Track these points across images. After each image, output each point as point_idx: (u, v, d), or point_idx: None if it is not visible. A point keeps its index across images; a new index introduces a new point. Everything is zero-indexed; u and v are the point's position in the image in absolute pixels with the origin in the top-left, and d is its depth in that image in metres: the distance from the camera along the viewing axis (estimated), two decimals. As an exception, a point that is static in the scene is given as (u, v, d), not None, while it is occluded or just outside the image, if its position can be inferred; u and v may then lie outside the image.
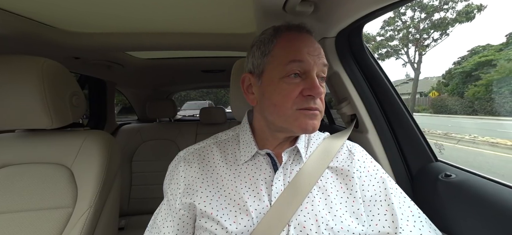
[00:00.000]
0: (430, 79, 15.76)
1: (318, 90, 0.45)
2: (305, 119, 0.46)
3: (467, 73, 9.95)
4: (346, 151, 0.55)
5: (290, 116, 0.46)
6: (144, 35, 0.97)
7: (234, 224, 0.44)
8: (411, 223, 0.45)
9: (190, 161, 0.53)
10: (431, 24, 13.67)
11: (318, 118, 0.48)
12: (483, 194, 0.50)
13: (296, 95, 0.46)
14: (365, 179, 0.50)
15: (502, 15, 38.57)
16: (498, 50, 9.84)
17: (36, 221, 0.65)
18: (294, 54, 0.47)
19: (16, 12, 0.72)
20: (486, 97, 8.13)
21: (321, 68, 0.48)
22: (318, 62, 0.47)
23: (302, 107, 0.46)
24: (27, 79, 0.64)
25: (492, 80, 8.11)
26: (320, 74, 0.49)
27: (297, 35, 0.50)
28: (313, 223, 0.44)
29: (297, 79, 0.46)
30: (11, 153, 0.73)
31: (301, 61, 0.46)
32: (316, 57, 0.47)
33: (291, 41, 0.49)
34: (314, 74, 0.46)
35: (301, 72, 0.47)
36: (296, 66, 0.46)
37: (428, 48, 14.01)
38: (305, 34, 0.50)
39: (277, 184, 0.48)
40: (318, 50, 0.49)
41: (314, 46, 0.49)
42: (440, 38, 13.58)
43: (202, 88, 3.99)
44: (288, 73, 0.46)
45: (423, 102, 12.33)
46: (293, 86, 0.46)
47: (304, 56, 0.46)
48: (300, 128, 0.47)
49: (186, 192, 0.50)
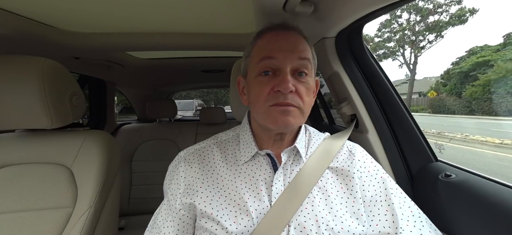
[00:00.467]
0: (429, 79, 15.89)
1: (285, 86, 0.44)
2: (276, 115, 0.46)
3: (465, 74, 10.10)
4: (347, 151, 0.55)
5: (264, 113, 0.48)
6: (144, 35, 0.97)
7: (234, 225, 0.44)
8: (412, 223, 0.45)
9: (190, 161, 0.54)
10: (426, 27, 14.13)
11: (294, 114, 0.46)
12: (483, 194, 0.50)
13: (268, 92, 0.46)
14: (366, 179, 0.50)
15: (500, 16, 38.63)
16: (495, 51, 9.97)
17: (36, 221, 0.65)
18: (265, 51, 0.48)
19: (16, 12, 0.72)
20: (483, 97, 8.26)
21: (297, 63, 0.47)
22: (291, 57, 0.46)
23: (272, 103, 0.46)
24: (27, 79, 0.64)
25: (489, 80, 8.23)
26: (300, 68, 0.47)
27: (274, 33, 0.50)
28: (313, 224, 0.44)
29: (268, 76, 0.47)
30: (11, 153, 0.73)
31: (271, 58, 0.47)
32: (289, 52, 0.46)
33: (265, 40, 0.50)
34: (286, 70, 0.46)
35: (273, 69, 0.47)
36: (266, 63, 0.47)
37: (424, 50, 14.69)
38: (281, 31, 0.49)
39: (277, 184, 0.48)
40: (294, 45, 0.48)
41: (288, 40, 0.48)
42: (435, 40, 14.15)
43: (202, 88, 3.99)
44: (260, 71, 0.48)
45: (421, 102, 12.37)
46: (264, 83, 0.47)
47: (274, 52, 0.47)
48: (273, 124, 0.47)
49: (186, 192, 0.50)
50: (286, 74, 0.45)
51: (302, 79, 0.47)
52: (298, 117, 0.47)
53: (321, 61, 0.84)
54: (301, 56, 0.47)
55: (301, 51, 0.47)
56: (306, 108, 0.48)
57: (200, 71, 1.74)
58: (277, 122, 0.46)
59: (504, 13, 38.99)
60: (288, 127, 0.47)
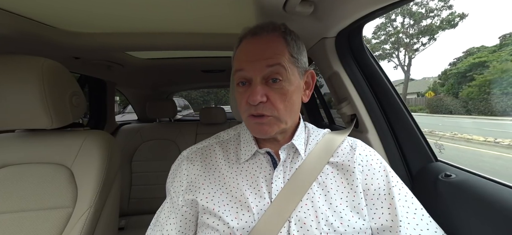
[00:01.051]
0: (427, 80, 16.25)
1: (253, 98, 0.44)
2: (254, 125, 0.49)
3: (462, 74, 10.28)
4: (347, 146, 0.55)
5: (245, 121, 0.51)
6: (144, 35, 0.97)
7: (236, 220, 0.45)
8: (415, 216, 0.45)
9: (193, 160, 0.55)
10: (419, 31, 14.90)
11: (270, 123, 0.47)
12: (483, 194, 0.50)
13: (244, 103, 0.48)
14: (368, 173, 0.50)
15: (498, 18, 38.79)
16: (491, 52, 10.17)
17: (36, 221, 0.65)
18: (237, 63, 0.49)
19: (16, 12, 0.72)
20: (479, 98, 8.40)
21: (266, 71, 0.45)
22: (258, 67, 0.45)
23: (247, 114, 0.48)
24: (27, 79, 0.64)
25: (485, 81, 8.37)
26: (272, 75, 0.46)
27: (245, 42, 0.49)
28: (313, 219, 0.44)
29: (244, 87, 0.49)
30: (11, 153, 0.73)
31: (241, 70, 0.47)
32: (256, 62, 0.46)
33: (239, 50, 0.50)
34: (256, 80, 0.46)
35: (247, 79, 0.48)
36: (239, 75, 0.48)
37: (417, 52, 15.38)
38: (251, 39, 0.48)
39: (277, 181, 0.49)
40: (260, 54, 0.46)
41: (257, 48, 0.47)
42: (428, 43, 14.85)
43: (202, 88, 3.99)
44: (237, 82, 0.50)
45: (420, 102, 12.53)
46: (241, 94, 0.49)
47: (243, 64, 0.47)
48: (254, 133, 0.51)
49: (189, 189, 0.50)
50: (256, 85, 0.46)
51: (275, 86, 0.46)
52: (275, 124, 0.48)
53: (321, 61, 0.84)
54: (270, 63, 0.45)
55: (270, 57, 0.46)
56: (282, 113, 0.47)
57: (200, 71, 1.74)
58: (254, 131, 0.50)
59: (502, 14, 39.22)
60: (266, 135, 0.49)
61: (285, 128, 0.51)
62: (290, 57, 0.48)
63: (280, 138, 0.53)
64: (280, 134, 0.52)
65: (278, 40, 0.48)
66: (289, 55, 0.48)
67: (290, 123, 0.51)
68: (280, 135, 0.53)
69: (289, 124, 0.50)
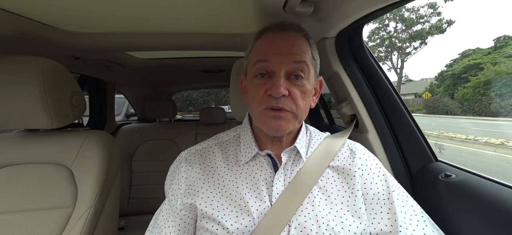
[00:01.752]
0: (425, 81, 16.75)
1: (276, 90, 0.44)
2: (268, 119, 0.46)
3: (457, 76, 10.66)
4: (347, 150, 0.55)
5: (257, 115, 0.48)
6: (144, 35, 0.97)
7: (235, 224, 0.44)
8: (414, 222, 0.45)
9: (191, 162, 0.54)
10: (410, 36, 16.30)
11: (287, 119, 0.46)
12: (483, 194, 0.50)
13: (262, 95, 0.46)
14: (368, 177, 0.50)
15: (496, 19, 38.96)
16: (486, 54, 10.47)
17: (36, 221, 0.65)
18: (260, 54, 0.48)
19: (16, 12, 0.72)
20: (474, 99, 8.79)
21: (292, 66, 0.46)
22: (286, 61, 0.46)
23: (265, 106, 0.46)
24: (27, 79, 0.64)
25: (479, 82, 8.73)
26: (295, 71, 0.46)
27: (271, 34, 0.49)
28: (314, 223, 0.44)
29: (263, 79, 0.47)
30: (11, 153, 0.73)
31: (265, 60, 0.46)
32: (283, 55, 0.46)
33: (262, 41, 0.49)
34: (280, 74, 0.45)
35: (268, 72, 0.47)
36: (261, 66, 0.47)
37: (409, 56, 16.91)
38: (278, 33, 0.49)
39: (277, 184, 0.48)
40: (289, 48, 0.47)
41: (285, 42, 0.47)
42: (419, 47, 16.37)
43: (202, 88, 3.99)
44: (255, 73, 0.48)
45: (417, 103, 12.71)
46: (258, 86, 0.47)
47: (269, 55, 0.46)
48: (266, 128, 0.48)
49: (188, 193, 0.50)
50: (279, 78, 0.45)
51: (297, 83, 0.46)
52: (291, 121, 0.47)
53: (321, 61, 0.84)
54: (297, 59, 0.46)
55: (297, 53, 0.46)
56: (300, 111, 0.47)
57: (200, 71, 1.74)
58: (269, 126, 0.47)
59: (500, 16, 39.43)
60: (280, 132, 0.48)
61: (296, 128, 0.51)
62: (312, 59, 0.49)
63: (284, 139, 0.53)
64: (288, 134, 0.52)
65: (303, 39, 0.49)
66: (311, 56, 0.49)
67: (299, 124, 0.51)
68: (287, 135, 0.52)
69: (299, 124, 0.50)
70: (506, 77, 7.93)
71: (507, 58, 9.30)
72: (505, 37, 11.02)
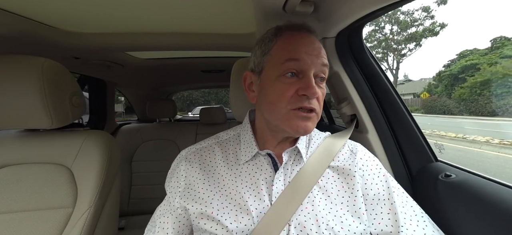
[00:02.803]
0: (424, 81, 17.12)
1: (312, 90, 0.44)
2: (297, 120, 0.45)
3: (455, 76, 10.82)
4: (348, 150, 0.55)
5: (284, 115, 0.46)
6: (144, 35, 0.97)
7: (235, 223, 0.44)
8: (415, 222, 0.45)
9: (191, 161, 0.54)
10: (405, 38, 17.22)
11: (313, 120, 0.47)
12: (483, 194, 0.50)
13: (291, 94, 0.45)
14: (368, 177, 0.50)
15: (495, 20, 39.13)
16: (483, 54, 10.61)
17: (36, 221, 0.65)
18: (291, 52, 0.46)
19: (16, 12, 0.72)
20: (470, 99, 9.00)
21: (319, 68, 0.47)
22: (316, 62, 0.46)
23: (296, 106, 0.45)
24: (27, 79, 0.64)
25: (476, 83, 8.92)
26: (320, 74, 0.48)
27: (297, 34, 0.49)
28: (314, 223, 0.44)
29: (293, 78, 0.46)
30: (11, 153, 0.73)
31: (297, 60, 0.46)
32: (314, 57, 0.46)
33: (289, 40, 0.48)
34: (311, 74, 0.45)
35: (298, 71, 0.46)
36: (292, 65, 0.46)
37: (405, 57, 17.85)
38: (305, 34, 0.49)
39: (277, 184, 0.48)
40: (318, 50, 0.48)
41: (313, 45, 0.48)
42: (414, 49, 17.37)
43: (202, 88, 4.00)
44: (284, 72, 0.46)
45: (415, 103, 12.83)
46: (288, 85, 0.46)
47: (301, 55, 0.46)
48: (292, 129, 0.46)
49: (187, 192, 0.50)
50: (311, 78, 0.45)
51: (321, 85, 0.48)
52: (315, 122, 0.48)
53: (321, 61, 0.84)
54: (324, 62, 0.48)
55: (324, 56, 0.48)
56: (320, 112, 0.49)
57: (200, 71, 1.74)
58: (297, 128, 0.46)
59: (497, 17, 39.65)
60: (307, 133, 0.47)
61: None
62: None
63: (291, 139, 0.53)
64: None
65: (321, 44, 0.51)
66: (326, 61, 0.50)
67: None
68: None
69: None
70: (502, 77, 8.06)
71: (503, 58, 9.41)
72: (502, 38, 11.09)
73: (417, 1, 0.63)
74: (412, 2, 0.53)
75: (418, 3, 16.01)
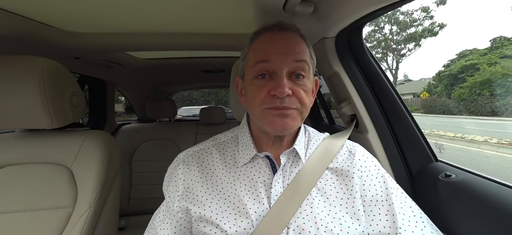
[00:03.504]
0: (424, 81, 17.31)
1: (281, 90, 0.43)
2: (273, 118, 0.46)
3: (454, 76, 10.87)
4: (346, 151, 0.55)
5: (260, 115, 0.47)
6: (144, 35, 0.97)
7: (234, 227, 0.44)
8: (413, 223, 0.45)
9: (189, 164, 0.53)
10: (404, 38, 17.38)
11: (292, 116, 0.46)
12: (483, 194, 0.50)
13: (264, 95, 0.46)
14: (367, 178, 0.50)
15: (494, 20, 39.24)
16: (482, 54, 10.64)
17: (36, 221, 0.65)
18: (260, 54, 0.47)
19: (16, 12, 0.72)
20: (470, 99, 9.07)
21: (293, 66, 0.46)
22: (288, 60, 0.45)
23: (268, 106, 0.45)
24: (27, 79, 0.64)
25: (475, 83, 8.97)
26: (296, 71, 0.46)
27: (269, 34, 0.49)
28: (312, 226, 0.44)
29: (264, 80, 0.46)
30: (11, 153, 0.73)
31: (267, 61, 0.46)
32: (285, 55, 0.45)
33: (261, 42, 0.49)
34: (283, 73, 0.45)
35: (270, 72, 0.46)
36: (262, 67, 0.46)
37: (404, 57, 17.99)
38: (277, 33, 0.48)
39: (276, 186, 0.48)
40: (290, 47, 0.46)
41: (285, 43, 0.47)
42: (414, 49, 17.52)
43: (202, 88, 4.00)
44: (256, 74, 0.47)
45: (415, 103, 12.89)
46: (260, 87, 0.46)
47: (270, 55, 0.46)
48: (269, 127, 0.47)
49: (186, 195, 0.49)
50: (282, 77, 0.45)
51: (299, 82, 0.46)
52: (297, 118, 0.47)
53: (321, 61, 0.84)
54: (298, 58, 0.46)
55: (298, 53, 0.46)
56: (305, 109, 0.47)
57: (200, 71, 1.74)
58: (274, 125, 0.46)
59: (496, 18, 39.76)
60: (286, 130, 0.47)
61: (299, 125, 0.51)
62: (310, 58, 0.49)
63: (285, 139, 0.52)
64: (290, 134, 0.52)
65: (301, 39, 0.49)
66: (309, 56, 0.49)
67: (302, 122, 0.50)
68: (287, 135, 0.52)
69: (302, 122, 0.50)
70: (501, 77, 8.09)
71: (502, 58, 9.44)
72: (501, 38, 11.10)
73: (416, 1, 0.64)
74: (411, 2, 0.53)
75: (417, 4, 16.19)
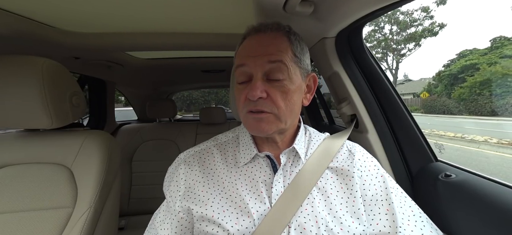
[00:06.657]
0: (424, 81, 17.35)
1: (252, 93, 0.44)
2: (252, 121, 0.48)
3: (454, 76, 10.92)
4: (346, 151, 0.55)
5: (243, 118, 0.50)
6: (144, 35, 0.97)
7: (236, 226, 0.44)
8: (412, 222, 0.45)
9: (190, 164, 0.53)
10: (404, 38, 17.48)
11: (267, 120, 0.46)
12: (483, 194, 0.50)
13: (244, 99, 0.48)
14: (366, 178, 0.50)
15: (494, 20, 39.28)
16: (482, 54, 10.68)
17: (36, 221, 0.65)
18: (239, 59, 0.49)
19: (16, 12, 0.72)
20: (470, 98, 9.14)
21: (267, 67, 0.45)
22: (260, 62, 0.45)
23: (247, 110, 0.47)
24: (27, 79, 0.64)
25: (475, 83, 9.02)
26: (271, 72, 0.46)
27: (249, 38, 0.50)
28: (313, 225, 0.44)
29: (243, 84, 0.48)
30: (11, 153, 0.73)
31: (243, 65, 0.47)
32: (258, 58, 0.45)
33: (242, 46, 0.50)
34: (257, 76, 0.45)
35: (248, 76, 0.47)
36: (240, 72, 0.48)
37: (404, 57, 18.11)
38: (255, 35, 0.49)
39: (277, 186, 0.48)
40: (263, 49, 0.46)
41: (259, 44, 0.47)
42: (414, 49, 17.61)
43: (202, 88, 4.01)
44: (237, 79, 0.50)
45: (415, 103, 12.89)
46: (240, 91, 0.49)
47: (245, 60, 0.47)
48: (251, 130, 0.50)
49: (187, 195, 0.49)
50: (256, 80, 0.45)
51: (276, 83, 0.46)
52: (273, 122, 0.47)
53: (321, 61, 0.84)
54: (272, 59, 0.45)
55: (272, 53, 0.45)
56: (282, 112, 0.46)
57: (200, 71, 1.74)
58: (251, 128, 0.49)
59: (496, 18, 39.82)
60: (262, 133, 0.48)
61: (284, 129, 0.50)
62: (293, 56, 0.48)
63: (279, 140, 0.52)
64: (279, 135, 0.52)
65: (281, 38, 0.48)
66: (292, 54, 0.48)
67: (290, 124, 0.50)
68: (278, 135, 0.52)
69: (288, 125, 0.49)
70: (501, 77, 8.11)
71: (502, 58, 9.45)
72: (501, 38, 11.11)
73: (416, 1, 0.64)
74: (411, 2, 0.53)
75: (417, 4, 16.23)
